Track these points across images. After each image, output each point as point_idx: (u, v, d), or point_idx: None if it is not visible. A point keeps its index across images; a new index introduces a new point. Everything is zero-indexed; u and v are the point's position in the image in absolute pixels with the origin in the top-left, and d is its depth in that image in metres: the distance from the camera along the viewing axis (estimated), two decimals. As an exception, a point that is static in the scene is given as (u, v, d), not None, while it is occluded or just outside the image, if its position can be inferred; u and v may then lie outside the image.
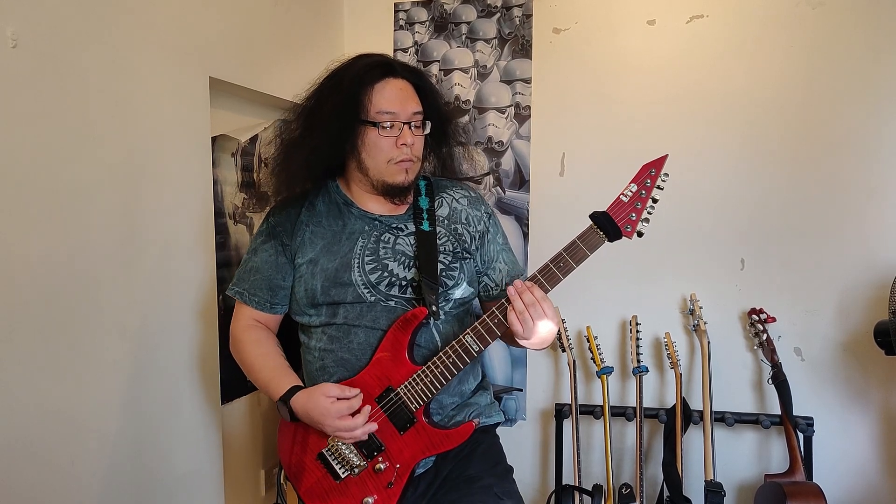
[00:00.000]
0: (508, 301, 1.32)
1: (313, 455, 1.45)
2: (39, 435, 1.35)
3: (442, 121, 1.54)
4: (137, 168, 1.58)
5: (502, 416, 1.60)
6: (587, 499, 2.20)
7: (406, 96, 1.44)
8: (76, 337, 1.43)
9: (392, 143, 1.42)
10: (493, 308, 1.36)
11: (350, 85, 1.41)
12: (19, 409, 1.31)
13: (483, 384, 1.62)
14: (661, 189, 1.31)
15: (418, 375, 1.38)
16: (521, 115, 2.43)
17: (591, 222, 1.33)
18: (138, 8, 1.56)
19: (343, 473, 1.43)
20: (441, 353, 1.37)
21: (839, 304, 2.21)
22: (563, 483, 2.31)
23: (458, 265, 1.50)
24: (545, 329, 1.32)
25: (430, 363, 1.38)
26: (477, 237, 1.54)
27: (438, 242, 1.49)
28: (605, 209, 1.33)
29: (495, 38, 2.45)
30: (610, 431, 2.24)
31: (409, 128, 1.43)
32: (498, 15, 2.45)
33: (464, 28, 2.48)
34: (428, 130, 1.48)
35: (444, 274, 1.47)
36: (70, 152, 1.40)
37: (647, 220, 1.32)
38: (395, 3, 2.53)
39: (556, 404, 2.42)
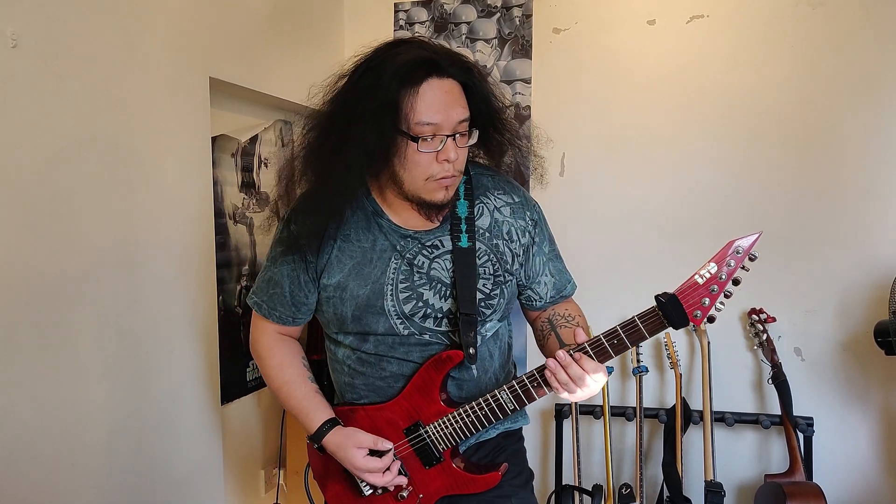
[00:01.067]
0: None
1: (340, 466, 1.41)
2: (40, 437, 1.35)
3: (493, 126, 1.33)
4: (137, 168, 1.58)
5: (528, 420, 1.54)
6: (587, 499, 2.20)
7: (451, 101, 1.21)
8: (76, 338, 1.43)
9: (432, 159, 1.21)
10: (535, 371, 1.25)
11: (388, 86, 1.18)
12: (19, 412, 1.31)
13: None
14: (747, 271, 1.10)
15: (448, 419, 1.32)
16: (521, 115, 2.43)
17: (656, 304, 1.16)
18: (138, 8, 1.56)
19: (367, 491, 1.39)
20: (474, 403, 1.30)
21: (839, 304, 2.21)
22: (563, 483, 2.31)
23: (498, 290, 1.36)
24: (591, 391, 1.22)
25: (461, 409, 1.31)
26: (521, 253, 1.39)
27: (478, 263, 1.34)
28: (674, 291, 1.14)
29: (495, 38, 2.45)
30: (610, 431, 2.24)
31: (454, 139, 1.21)
32: (498, 15, 2.44)
33: (464, 28, 2.48)
34: (474, 140, 1.27)
35: (483, 304, 1.35)
36: (70, 152, 1.40)
37: (722, 303, 1.12)
38: (395, 3, 2.53)
39: (556, 404, 2.42)
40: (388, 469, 1.33)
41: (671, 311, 1.15)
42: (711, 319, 1.14)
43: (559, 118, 2.40)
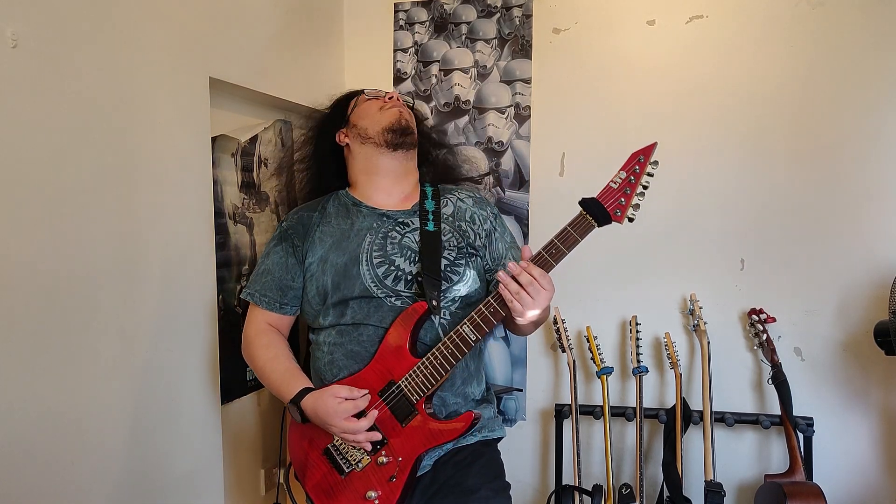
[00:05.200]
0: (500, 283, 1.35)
1: (319, 451, 1.47)
2: (39, 436, 1.35)
3: (430, 145, 1.79)
4: (137, 168, 1.58)
5: (505, 432, 1.61)
6: (587, 499, 2.20)
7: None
8: (75, 338, 1.43)
9: (380, 103, 1.63)
10: (489, 297, 1.37)
11: (346, 96, 1.72)
12: (19, 411, 1.31)
13: (488, 397, 1.63)
14: (651, 176, 1.35)
15: (418, 367, 1.40)
16: (521, 115, 2.43)
17: (581, 209, 1.35)
18: (138, 8, 1.56)
19: (347, 468, 1.45)
20: (440, 344, 1.39)
21: (839, 304, 2.21)
22: (563, 483, 2.31)
23: (463, 261, 1.53)
24: (541, 302, 1.33)
25: (428, 354, 1.40)
26: (483, 235, 1.59)
27: (443, 239, 1.54)
28: (595, 196, 1.36)
29: (495, 38, 2.45)
30: (610, 431, 2.24)
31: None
32: (498, 15, 2.45)
33: (464, 28, 2.48)
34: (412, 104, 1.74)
35: (448, 269, 1.51)
36: (70, 152, 1.40)
37: (637, 206, 1.34)
38: (395, 3, 2.54)
39: (556, 404, 2.42)
40: (364, 418, 1.40)
41: (595, 210, 1.33)
42: (631, 219, 1.34)
43: (559, 118, 2.40)
